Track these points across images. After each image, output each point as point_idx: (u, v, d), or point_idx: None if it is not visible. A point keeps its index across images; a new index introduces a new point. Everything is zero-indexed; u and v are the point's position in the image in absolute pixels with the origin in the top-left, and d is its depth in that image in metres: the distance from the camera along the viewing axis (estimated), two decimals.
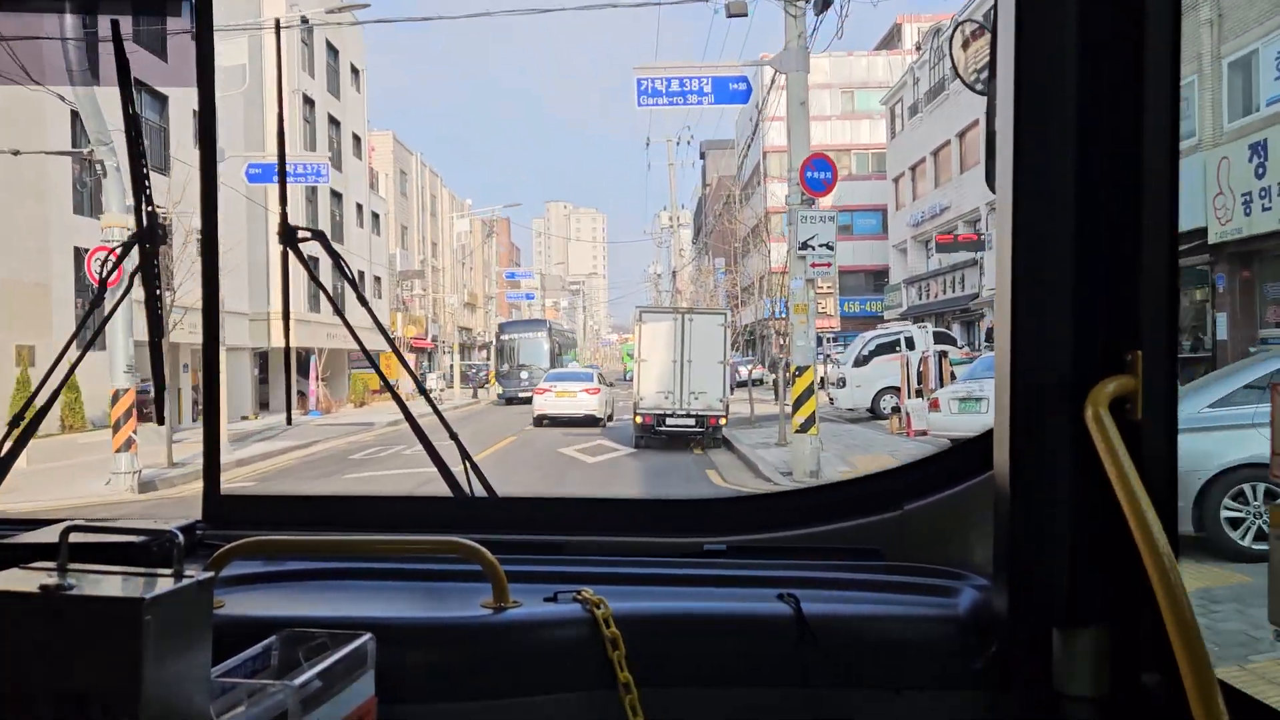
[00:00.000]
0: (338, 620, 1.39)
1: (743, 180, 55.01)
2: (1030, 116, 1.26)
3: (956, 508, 1.63)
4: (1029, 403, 1.28)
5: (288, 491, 13.22)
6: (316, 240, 1.94)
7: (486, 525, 1.81)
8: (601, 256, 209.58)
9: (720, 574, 1.64)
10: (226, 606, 1.48)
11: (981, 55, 1.60)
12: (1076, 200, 1.25)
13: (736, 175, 53.92)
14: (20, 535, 1.66)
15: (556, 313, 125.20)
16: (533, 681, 1.41)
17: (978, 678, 1.39)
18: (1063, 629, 1.27)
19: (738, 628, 1.47)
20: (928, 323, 27.28)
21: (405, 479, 14.50)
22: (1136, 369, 1.20)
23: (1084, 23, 1.24)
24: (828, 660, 1.40)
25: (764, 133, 45.17)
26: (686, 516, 1.82)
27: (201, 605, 1.00)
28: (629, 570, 1.65)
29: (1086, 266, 1.25)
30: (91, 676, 0.91)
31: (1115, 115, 1.23)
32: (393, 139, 51.70)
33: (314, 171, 24.96)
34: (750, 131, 42.60)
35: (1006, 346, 1.30)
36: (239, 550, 1.46)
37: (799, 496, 1.91)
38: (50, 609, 0.93)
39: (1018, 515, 1.30)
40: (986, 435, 1.46)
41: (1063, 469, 1.26)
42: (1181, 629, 1.03)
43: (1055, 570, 1.27)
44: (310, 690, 1.11)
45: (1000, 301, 1.32)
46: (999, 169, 1.34)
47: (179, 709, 0.95)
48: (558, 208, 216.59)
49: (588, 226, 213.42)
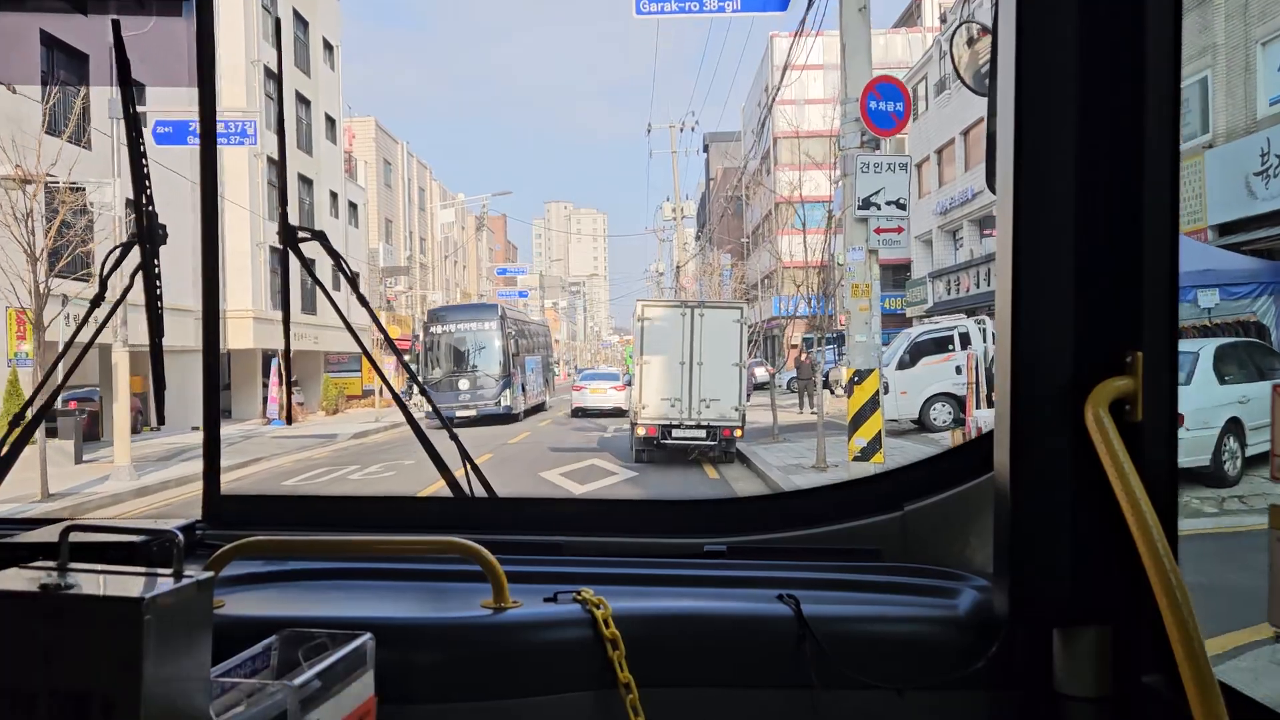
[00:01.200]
0: (337, 620, 1.39)
1: (750, 170, 52.27)
2: (1030, 116, 1.26)
3: (956, 508, 1.63)
4: (1029, 403, 1.28)
5: (288, 491, 13.21)
6: (317, 240, 1.94)
7: (486, 525, 1.81)
8: (602, 257, 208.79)
9: (720, 574, 1.64)
10: (226, 606, 1.48)
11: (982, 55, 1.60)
12: (1076, 201, 1.25)
13: (743, 164, 50.92)
14: (20, 535, 1.67)
15: (555, 314, 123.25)
16: (533, 682, 1.40)
17: (978, 678, 1.39)
18: (1063, 629, 1.27)
19: (738, 628, 1.47)
20: (985, 315, 22.59)
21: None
22: (1136, 370, 1.20)
23: (1084, 23, 1.24)
24: (828, 661, 1.40)
25: (774, 118, 41.27)
26: (686, 517, 1.82)
27: (201, 605, 1.00)
28: (629, 570, 1.65)
29: (1086, 267, 1.25)
30: (91, 676, 0.91)
31: (1115, 115, 1.23)
32: (375, 126, 48.70)
33: (239, 131, 19.83)
34: (767, 100, 38.96)
35: (1007, 346, 1.30)
36: (239, 550, 1.46)
37: (799, 497, 1.91)
38: (50, 608, 0.93)
39: (1018, 515, 1.30)
40: (987, 435, 1.46)
41: (1063, 469, 1.26)
42: (1181, 629, 1.03)
43: (1056, 571, 1.27)
44: (310, 690, 1.11)
45: (1000, 301, 1.32)
46: (999, 169, 1.34)
47: (179, 709, 0.95)
48: (558, 208, 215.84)
49: (588, 227, 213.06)
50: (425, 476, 2.18)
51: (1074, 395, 1.23)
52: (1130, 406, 1.20)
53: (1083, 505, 1.25)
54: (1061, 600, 1.27)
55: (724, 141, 64.22)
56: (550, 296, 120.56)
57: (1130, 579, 1.19)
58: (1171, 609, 1.04)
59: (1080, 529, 1.26)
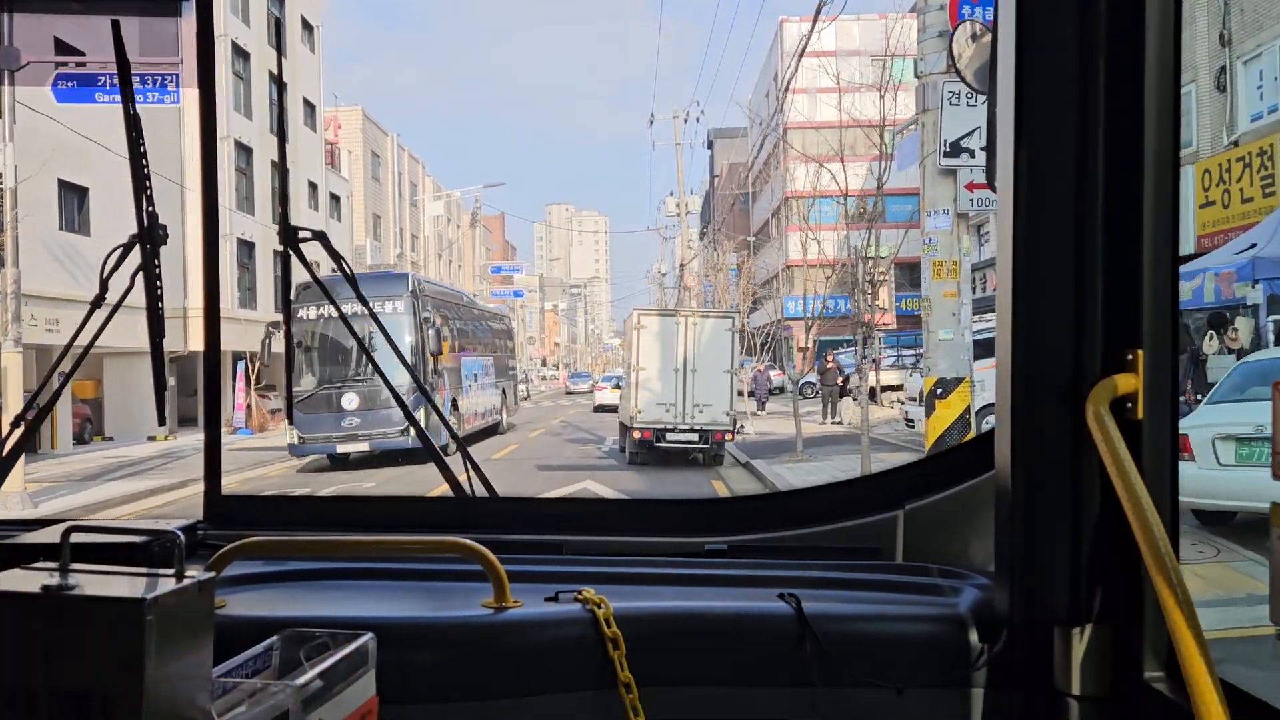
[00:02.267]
0: (339, 620, 1.39)
1: (759, 163, 50.21)
2: (1030, 116, 1.27)
3: (957, 507, 1.63)
4: (1030, 402, 1.28)
5: (288, 491, 13.21)
6: (317, 240, 1.94)
7: (487, 525, 1.81)
8: (604, 260, 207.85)
9: (721, 574, 1.64)
10: (228, 606, 1.48)
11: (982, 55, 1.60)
12: (1076, 200, 1.25)
13: (751, 158, 49.27)
14: (22, 535, 1.67)
15: (555, 316, 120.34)
16: (534, 681, 1.41)
17: (979, 677, 1.39)
18: (1064, 628, 1.27)
19: (739, 627, 1.47)
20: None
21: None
22: (1137, 368, 1.20)
23: (1084, 23, 1.24)
24: (829, 660, 1.40)
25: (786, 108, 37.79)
26: (687, 516, 1.82)
27: (203, 605, 1.00)
28: (630, 570, 1.66)
29: (1087, 266, 1.25)
30: (93, 676, 0.91)
31: (1115, 115, 1.23)
32: (362, 115, 45.41)
33: (158, 86, 14.42)
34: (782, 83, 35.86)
35: (1007, 346, 1.30)
36: (240, 550, 1.47)
37: (800, 496, 1.91)
38: (52, 609, 0.93)
39: (1019, 514, 1.30)
40: (987, 434, 1.46)
41: (1063, 468, 1.26)
42: (1182, 628, 1.03)
43: (1056, 569, 1.27)
44: (311, 690, 1.11)
45: (1001, 301, 1.33)
46: (999, 169, 1.34)
47: (180, 709, 0.95)
48: (559, 210, 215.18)
49: (590, 229, 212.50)
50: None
51: (1074, 394, 1.24)
52: (1131, 405, 1.20)
53: (1084, 503, 1.25)
54: (1062, 599, 1.27)
55: (730, 137, 63.05)
56: (550, 298, 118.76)
57: (1131, 577, 1.19)
58: (1172, 608, 1.04)
59: (1081, 527, 1.26)
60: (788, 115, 38.30)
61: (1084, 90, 1.24)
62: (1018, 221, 1.28)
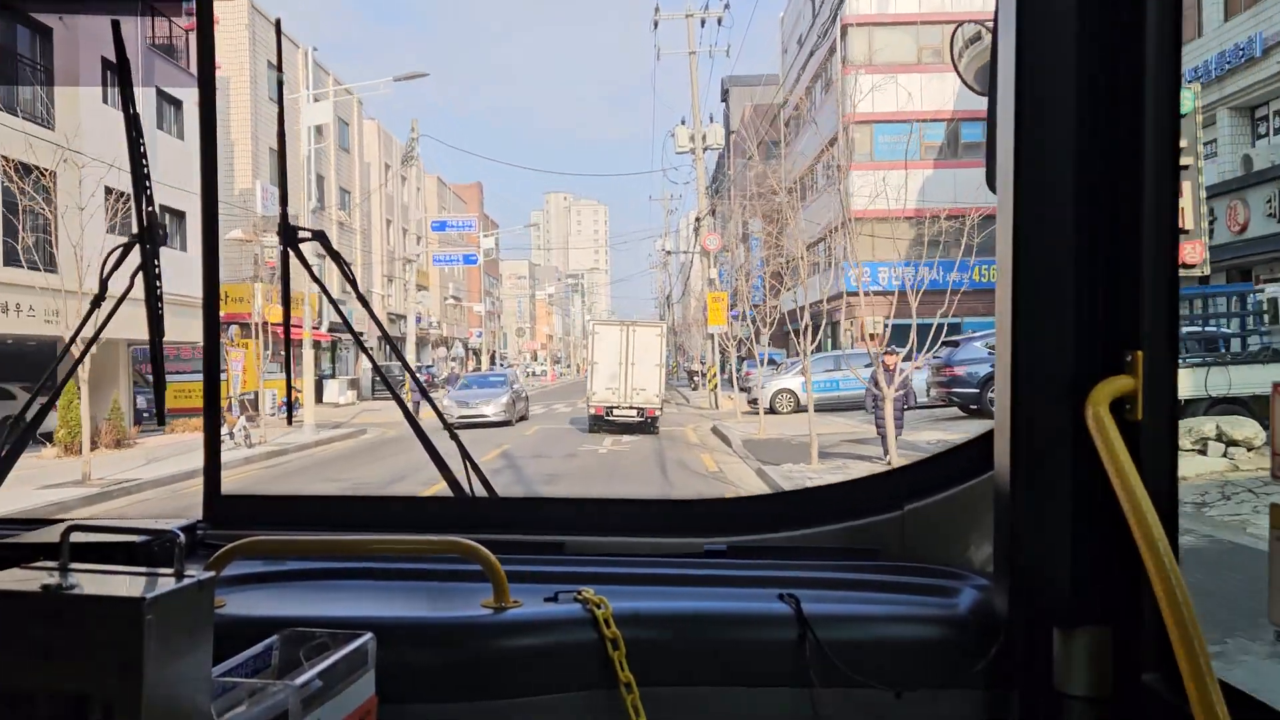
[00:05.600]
0: (338, 620, 1.39)
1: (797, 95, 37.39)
2: (1030, 116, 1.27)
3: (956, 508, 1.63)
4: (1029, 402, 1.28)
5: (288, 491, 13.20)
6: (317, 240, 1.94)
7: (487, 525, 1.81)
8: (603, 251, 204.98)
9: (721, 574, 1.64)
10: (228, 606, 1.48)
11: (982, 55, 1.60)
12: (1076, 201, 1.25)
13: (781, 93, 37.05)
14: (21, 535, 1.67)
15: (546, 305, 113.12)
16: (534, 681, 1.41)
17: (978, 677, 1.39)
18: (1063, 629, 1.27)
19: (739, 628, 1.47)
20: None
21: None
22: (1136, 369, 1.20)
23: (1084, 23, 1.24)
24: (828, 660, 1.41)
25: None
26: (687, 517, 1.82)
27: (202, 605, 1.00)
28: (630, 570, 1.66)
29: (1086, 266, 1.25)
30: (92, 676, 0.91)
31: (1115, 115, 1.23)
32: (249, 8, 30.89)
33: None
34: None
35: (1007, 346, 1.30)
36: (240, 550, 1.47)
37: (799, 497, 1.91)
38: (51, 609, 0.93)
39: (1018, 515, 1.30)
40: (986, 435, 1.46)
41: (1063, 469, 1.26)
42: (1182, 629, 1.03)
43: (1056, 570, 1.28)
44: (311, 690, 1.11)
45: (1000, 301, 1.33)
46: (999, 169, 1.34)
47: (180, 709, 0.95)
48: (557, 198, 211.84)
49: (589, 219, 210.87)
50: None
51: (1074, 394, 1.24)
52: (1130, 406, 1.20)
53: (1083, 504, 1.25)
54: (1062, 600, 1.27)
55: (749, 85, 50.90)
56: (544, 286, 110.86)
57: (1130, 578, 1.19)
58: (1171, 608, 1.04)
59: (1080, 528, 1.26)
60: (846, 4, 28.33)
61: (1084, 90, 1.25)
62: (1018, 222, 1.28)
